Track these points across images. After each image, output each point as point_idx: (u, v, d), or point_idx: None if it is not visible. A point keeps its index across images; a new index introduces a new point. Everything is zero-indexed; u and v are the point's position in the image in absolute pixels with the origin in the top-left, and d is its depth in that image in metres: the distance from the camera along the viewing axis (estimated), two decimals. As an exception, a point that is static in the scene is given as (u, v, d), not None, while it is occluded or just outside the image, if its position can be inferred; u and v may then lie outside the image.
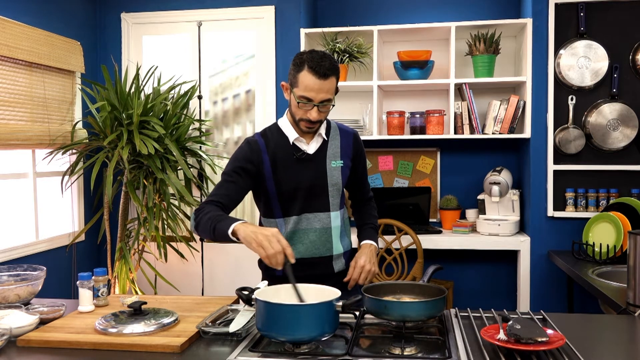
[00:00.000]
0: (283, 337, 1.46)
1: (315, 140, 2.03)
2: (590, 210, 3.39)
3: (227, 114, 3.84)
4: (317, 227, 2.03)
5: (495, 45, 3.55)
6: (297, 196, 2.00)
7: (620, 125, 3.32)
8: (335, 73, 1.91)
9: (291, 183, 1.99)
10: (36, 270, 2.08)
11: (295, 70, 1.92)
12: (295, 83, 1.92)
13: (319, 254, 2.04)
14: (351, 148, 2.10)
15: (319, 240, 2.03)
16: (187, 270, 3.84)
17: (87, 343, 1.56)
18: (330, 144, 2.06)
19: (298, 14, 3.65)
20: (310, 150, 2.02)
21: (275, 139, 2.02)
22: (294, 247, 2.00)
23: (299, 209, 2.01)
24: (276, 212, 2.03)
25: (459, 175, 3.92)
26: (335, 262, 2.08)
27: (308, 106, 1.91)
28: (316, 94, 1.89)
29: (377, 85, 3.59)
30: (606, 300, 2.24)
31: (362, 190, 2.25)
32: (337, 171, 2.05)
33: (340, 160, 2.06)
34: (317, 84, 1.87)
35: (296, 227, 2.01)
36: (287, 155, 2.00)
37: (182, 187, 3.28)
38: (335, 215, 2.06)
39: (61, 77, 3.51)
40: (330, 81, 1.90)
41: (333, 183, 2.04)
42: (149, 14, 3.82)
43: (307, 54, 1.91)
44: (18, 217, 3.26)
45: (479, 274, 3.93)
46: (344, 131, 2.11)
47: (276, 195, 2.00)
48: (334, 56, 2.41)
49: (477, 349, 1.49)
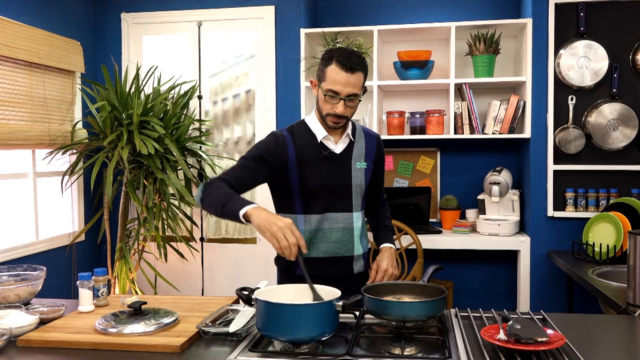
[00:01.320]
0: (283, 337, 1.46)
1: (343, 140, 2.04)
2: (590, 210, 3.39)
3: (227, 114, 3.84)
4: (340, 227, 2.03)
5: (495, 45, 3.55)
6: (321, 194, 2.00)
7: (620, 125, 3.32)
8: (362, 69, 1.93)
9: (316, 181, 1.99)
10: (36, 270, 2.08)
11: (323, 64, 1.94)
12: (323, 77, 1.94)
13: (340, 254, 2.04)
14: (374, 151, 2.12)
15: (341, 240, 2.03)
16: (187, 270, 3.84)
17: (87, 343, 1.56)
18: (356, 145, 2.07)
19: (298, 14, 3.65)
20: (338, 149, 2.03)
21: (302, 135, 2.02)
22: (317, 245, 2.01)
23: (322, 207, 2.01)
24: (297, 208, 2.02)
25: (459, 175, 3.92)
26: (355, 263, 2.09)
27: (335, 100, 1.92)
28: (343, 87, 1.90)
29: (377, 85, 3.59)
30: (606, 300, 2.24)
31: (379, 193, 2.26)
32: (361, 172, 2.06)
33: (364, 162, 2.08)
34: (344, 78, 1.89)
35: (319, 225, 2.01)
36: (314, 152, 2.00)
37: (182, 187, 3.29)
38: (357, 216, 2.07)
39: (61, 77, 3.51)
40: (357, 76, 1.91)
41: (357, 184, 2.05)
42: (149, 14, 3.82)
43: (336, 50, 1.94)
44: (18, 217, 3.26)
45: (479, 274, 3.93)
46: (367, 134, 2.13)
47: (299, 192, 2.00)
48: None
49: (477, 349, 1.49)
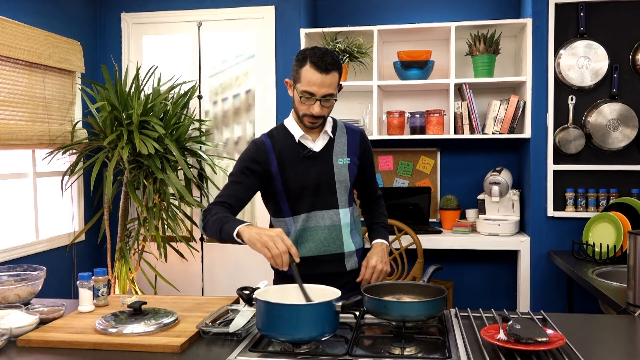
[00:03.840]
0: (283, 337, 1.46)
1: (322, 138, 2.04)
2: (590, 210, 3.39)
3: (227, 114, 3.84)
4: (326, 225, 2.02)
5: (495, 45, 3.55)
6: (305, 194, 2.00)
7: (620, 125, 3.32)
8: (337, 68, 1.92)
9: (298, 181, 1.99)
10: (36, 270, 2.08)
11: (297, 65, 1.93)
12: (298, 78, 1.93)
13: (329, 252, 2.04)
14: (358, 146, 2.11)
15: (329, 237, 2.03)
16: (187, 270, 3.84)
17: (87, 343, 1.56)
18: (337, 141, 2.06)
19: (298, 14, 3.65)
20: (317, 148, 2.03)
21: (281, 138, 2.02)
22: (305, 244, 2.01)
23: (307, 206, 2.01)
24: (285, 211, 2.03)
25: (459, 175, 3.92)
26: (347, 260, 2.07)
27: (311, 101, 1.92)
28: (318, 89, 1.89)
29: (377, 85, 3.59)
30: (606, 300, 2.24)
31: (371, 189, 2.25)
32: (344, 168, 2.05)
33: (347, 158, 2.07)
34: (319, 79, 1.88)
35: (305, 224, 2.01)
36: (294, 153, 2.00)
37: (182, 187, 3.28)
38: (344, 212, 2.06)
39: (61, 77, 3.50)
40: (332, 76, 1.90)
41: (341, 180, 2.04)
42: (149, 14, 3.82)
43: (309, 50, 1.92)
44: (18, 217, 3.26)
45: (479, 274, 3.93)
46: (350, 129, 2.12)
47: (284, 194, 2.00)
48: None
49: (477, 349, 1.49)
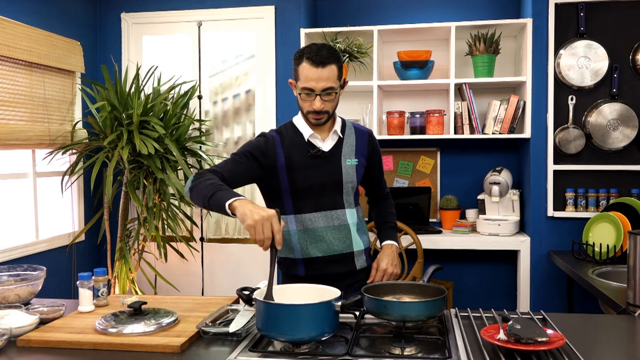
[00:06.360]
0: (283, 337, 1.46)
1: (331, 137, 2.03)
2: (590, 210, 3.39)
3: (227, 114, 3.84)
4: (335, 225, 2.02)
5: (495, 45, 3.55)
6: (311, 193, 2.00)
7: (620, 125, 3.32)
8: (334, 61, 1.91)
9: (306, 180, 1.98)
10: (36, 270, 2.08)
11: (295, 64, 1.94)
12: (297, 77, 1.93)
13: (339, 251, 2.03)
14: (366, 147, 2.11)
15: (338, 237, 2.02)
16: (187, 270, 3.84)
17: (87, 343, 1.56)
18: (346, 142, 2.06)
19: (298, 14, 3.65)
20: (326, 147, 2.02)
21: (290, 136, 2.02)
22: (314, 245, 2.00)
23: (313, 206, 2.00)
24: (287, 207, 2.02)
25: (459, 175, 3.92)
26: (356, 259, 2.07)
27: (311, 97, 1.92)
28: (316, 83, 1.89)
29: (377, 85, 3.59)
30: (606, 300, 2.24)
31: (379, 188, 2.26)
32: (352, 169, 2.05)
33: (355, 159, 2.06)
34: (316, 73, 1.88)
35: (313, 225, 2.00)
36: (302, 152, 2.00)
37: (182, 187, 3.28)
38: (350, 212, 2.06)
39: (61, 77, 3.51)
40: (330, 69, 1.89)
41: (348, 181, 2.04)
42: (149, 14, 3.82)
43: (306, 47, 1.94)
44: (18, 217, 3.26)
45: (479, 274, 3.93)
46: (358, 130, 2.12)
47: (289, 192, 2.00)
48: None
49: (477, 349, 1.49)
